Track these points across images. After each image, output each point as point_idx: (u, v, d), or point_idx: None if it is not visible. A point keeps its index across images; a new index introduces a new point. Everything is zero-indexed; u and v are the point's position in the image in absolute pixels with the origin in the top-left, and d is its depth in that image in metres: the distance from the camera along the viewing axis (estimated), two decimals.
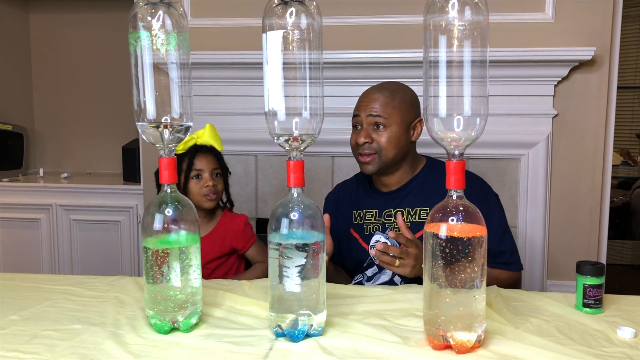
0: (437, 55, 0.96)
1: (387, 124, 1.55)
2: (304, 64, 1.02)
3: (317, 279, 1.05)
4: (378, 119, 1.55)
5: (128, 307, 1.21)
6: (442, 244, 0.97)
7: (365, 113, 1.57)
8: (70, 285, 1.35)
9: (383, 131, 1.56)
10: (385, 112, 1.55)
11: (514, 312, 1.16)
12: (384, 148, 1.56)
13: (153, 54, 1.05)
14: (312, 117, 1.03)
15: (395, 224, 1.59)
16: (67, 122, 3.38)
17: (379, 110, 1.55)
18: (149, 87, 1.05)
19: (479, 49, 0.96)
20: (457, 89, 0.96)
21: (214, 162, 1.71)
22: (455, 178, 0.97)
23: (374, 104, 1.56)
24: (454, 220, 0.97)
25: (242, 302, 1.22)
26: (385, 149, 1.56)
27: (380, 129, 1.56)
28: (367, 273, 1.62)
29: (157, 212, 1.08)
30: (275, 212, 1.05)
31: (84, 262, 2.81)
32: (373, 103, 1.57)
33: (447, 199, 0.99)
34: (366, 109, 1.57)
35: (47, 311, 1.18)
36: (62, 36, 3.32)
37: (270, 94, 1.02)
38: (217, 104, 2.50)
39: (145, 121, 1.06)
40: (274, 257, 1.04)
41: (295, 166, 1.04)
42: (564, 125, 2.33)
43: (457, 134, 0.96)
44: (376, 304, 1.21)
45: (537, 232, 2.36)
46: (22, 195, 2.84)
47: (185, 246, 1.08)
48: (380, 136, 1.56)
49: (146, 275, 1.09)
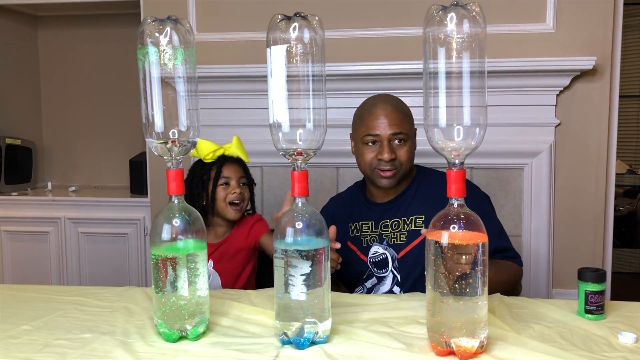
0: (436, 67, 0.99)
1: (406, 138, 1.58)
2: (307, 76, 1.04)
3: (322, 288, 1.06)
4: (400, 136, 1.57)
5: (137, 317, 1.23)
6: (444, 251, 0.98)
7: (385, 131, 1.56)
8: (80, 296, 1.37)
9: (404, 145, 1.58)
10: (404, 127, 1.58)
11: (516, 319, 1.17)
12: (404, 162, 1.59)
13: (161, 69, 1.08)
14: (316, 128, 1.05)
15: (392, 233, 1.61)
16: (75, 136, 3.42)
17: (399, 127, 1.57)
18: (157, 101, 1.08)
19: (477, 60, 0.98)
20: (457, 99, 0.99)
21: (240, 171, 1.76)
22: (456, 186, 1.00)
23: (393, 120, 1.56)
24: (455, 228, 0.99)
25: (249, 311, 1.24)
26: (404, 163, 1.59)
27: (401, 143, 1.58)
28: (366, 285, 1.63)
29: (165, 222, 1.10)
30: (280, 221, 1.07)
31: (92, 275, 2.84)
32: (392, 120, 1.56)
33: (448, 207, 1.01)
34: (386, 126, 1.56)
35: (58, 321, 1.20)
36: (70, 52, 3.37)
37: (275, 106, 1.05)
38: (223, 117, 2.54)
39: (154, 134, 1.09)
40: (280, 265, 1.07)
41: (300, 176, 1.06)
42: (566, 134, 2.34)
43: (457, 144, 0.99)
44: (380, 312, 1.23)
45: (542, 241, 2.37)
46: (31, 209, 2.88)
47: (192, 253, 1.10)
48: (401, 151, 1.58)
49: (155, 285, 1.11)
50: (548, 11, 2.31)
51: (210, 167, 1.74)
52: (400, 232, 1.60)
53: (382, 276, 1.60)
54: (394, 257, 1.59)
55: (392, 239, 1.60)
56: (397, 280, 1.58)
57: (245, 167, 1.80)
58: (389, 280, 1.59)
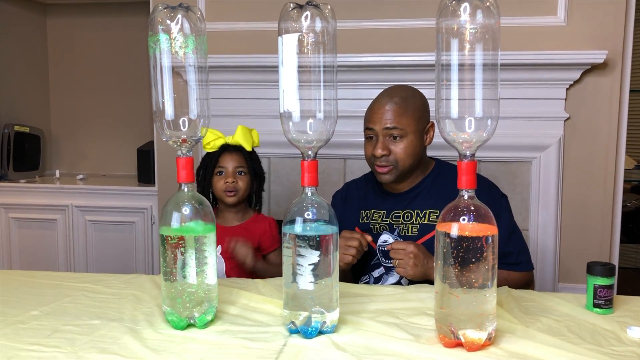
0: (449, 58, 0.98)
1: (403, 134, 1.55)
2: (318, 66, 1.04)
3: (330, 278, 1.07)
4: (394, 131, 1.54)
5: (145, 304, 1.24)
6: (454, 243, 0.98)
7: (380, 126, 1.55)
8: (89, 283, 1.38)
9: (399, 142, 1.55)
10: (400, 123, 1.54)
11: (524, 312, 1.17)
12: (401, 159, 1.56)
13: (172, 57, 1.08)
14: (326, 119, 1.05)
15: (404, 224, 1.60)
16: (83, 124, 3.43)
17: (394, 122, 1.54)
18: (168, 88, 1.08)
19: (490, 52, 0.97)
20: (469, 91, 0.98)
21: (239, 161, 1.79)
22: (467, 178, 0.99)
23: (387, 115, 1.55)
24: (465, 220, 0.99)
25: (257, 300, 1.25)
26: (402, 160, 1.56)
27: (397, 139, 1.55)
28: (373, 274, 1.63)
29: (174, 209, 1.11)
30: (289, 211, 1.07)
31: (99, 262, 2.85)
32: (387, 114, 1.55)
33: (459, 199, 1.01)
34: (380, 121, 1.55)
35: (67, 307, 1.21)
36: (79, 40, 3.38)
37: (285, 96, 1.05)
38: (231, 107, 2.53)
39: (164, 122, 1.09)
40: (288, 255, 1.07)
41: (310, 166, 1.06)
42: (575, 128, 2.33)
43: (469, 135, 0.98)
44: (388, 303, 1.23)
45: (549, 235, 2.36)
46: (39, 196, 2.89)
47: (201, 235, 1.10)
48: (397, 147, 1.55)
49: (163, 272, 1.11)
50: (559, 4, 2.28)
51: (212, 156, 1.80)
52: (412, 224, 1.59)
53: (390, 266, 1.59)
54: None
55: (404, 230, 1.59)
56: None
57: (249, 156, 1.81)
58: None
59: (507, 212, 1.61)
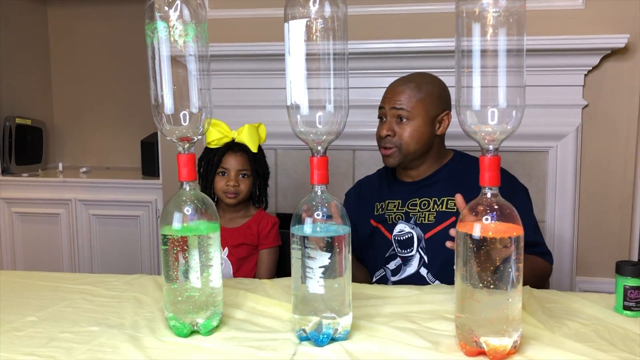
0: (470, 44, 0.91)
1: (411, 117, 1.53)
2: (328, 54, 0.97)
3: (342, 280, 1.00)
4: (401, 112, 1.54)
5: (147, 308, 1.18)
6: (476, 244, 0.91)
7: (389, 105, 1.56)
8: (89, 285, 1.32)
9: (406, 124, 1.54)
10: (408, 106, 1.53)
11: (549, 315, 1.10)
12: (405, 142, 1.54)
13: (171, 46, 1.01)
14: (337, 111, 0.98)
15: (421, 212, 1.55)
16: (86, 116, 3.36)
17: (402, 104, 1.54)
18: (167, 80, 1.01)
19: (515, 37, 0.90)
20: (492, 79, 0.91)
21: (242, 162, 1.71)
22: (490, 175, 0.92)
23: (398, 96, 1.55)
24: (489, 220, 0.92)
25: (264, 303, 1.18)
26: (406, 143, 1.54)
27: (404, 122, 1.54)
28: (389, 267, 1.58)
29: (176, 208, 1.04)
30: (298, 211, 1.00)
31: (103, 257, 2.80)
32: (397, 96, 1.55)
33: (481, 197, 0.94)
34: (390, 101, 1.56)
35: (65, 312, 1.15)
36: (81, 29, 3.30)
37: (293, 87, 0.98)
38: (236, 97, 2.46)
39: (163, 117, 1.02)
40: (297, 257, 1.00)
41: (319, 163, 0.99)
42: (594, 116, 2.24)
43: (492, 128, 0.91)
44: (403, 306, 1.16)
45: (566, 227, 2.28)
46: (42, 190, 2.84)
47: (205, 235, 1.04)
48: (403, 130, 1.54)
49: (165, 275, 1.05)
50: None
51: (215, 153, 1.72)
52: (429, 212, 1.54)
53: (408, 256, 1.54)
54: (421, 237, 1.53)
55: (420, 218, 1.55)
56: (424, 262, 1.52)
57: (254, 157, 1.73)
58: (416, 261, 1.53)
59: (530, 205, 1.57)
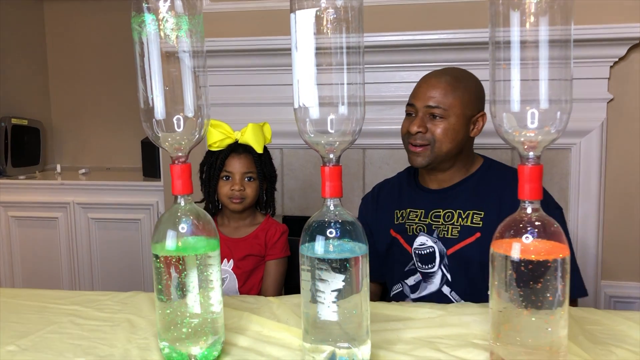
0: (507, 36, 0.78)
1: (446, 115, 1.40)
2: (340, 49, 0.84)
3: (359, 305, 0.88)
4: (436, 110, 1.40)
5: (140, 333, 1.06)
6: (515, 266, 0.79)
7: (421, 103, 1.42)
8: (78, 305, 1.20)
9: (440, 121, 1.40)
10: (444, 102, 1.40)
11: (592, 340, 0.97)
12: (438, 140, 1.40)
13: (162, 42, 0.88)
14: (351, 114, 0.85)
15: (444, 225, 1.41)
16: (85, 115, 3.27)
17: (437, 100, 1.40)
18: (157, 81, 0.88)
19: (559, 27, 0.77)
20: (533, 76, 0.78)
21: (247, 165, 1.59)
22: (531, 187, 0.79)
23: (433, 91, 1.41)
24: (529, 239, 0.79)
25: (271, 327, 1.06)
26: (439, 141, 1.40)
27: (437, 119, 1.41)
28: (407, 282, 1.45)
29: (170, 226, 0.93)
30: (308, 228, 0.88)
31: (103, 263, 2.70)
32: (432, 91, 1.41)
33: (520, 212, 0.81)
34: (424, 97, 1.41)
35: (49, 339, 1.03)
36: (79, 25, 3.21)
37: (301, 88, 0.85)
38: (239, 95, 2.35)
39: (154, 122, 0.90)
40: (307, 279, 0.88)
41: (332, 173, 0.87)
42: (620, 110, 2.12)
43: (533, 133, 0.78)
44: (426, 329, 1.04)
45: (590, 229, 2.16)
46: (39, 193, 2.74)
47: (203, 253, 0.92)
48: (436, 126, 1.40)
49: (158, 299, 0.93)
50: None
51: (217, 156, 1.59)
52: (453, 225, 1.41)
53: (429, 273, 1.41)
54: (443, 253, 1.40)
55: (443, 231, 1.41)
56: (446, 279, 1.40)
57: (259, 158, 1.61)
58: (437, 279, 1.41)
59: (565, 226, 1.41)
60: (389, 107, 2.20)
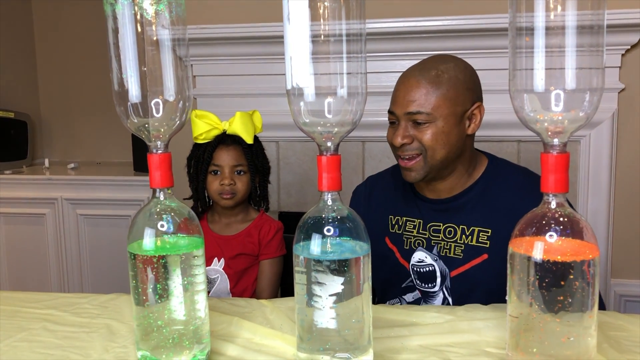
0: (530, 21, 0.69)
1: (431, 119, 1.21)
2: (338, 35, 0.74)
3: (360, 311, 0.79)
4: (418, 117, 1.21)
5: (119, 341, 0.96)
6: (538, 268, 0.69)
7: (401, 109, 1.23)
8: (54, 308, 1.10)
9: (425, 128, 1.21)
10: (426, 106, 1.20)
11: (617, 349, 0.88)
12: (430, 147, 1.22)
13: (138, 17, 0.79)
14: (351, 96, 0.76)
15: (445, 242, 1.27)
16: (74, 109, 3.17)
17: (419, 104, 1.21)
18: (132, 59, 0.79)
19: (589, 12, 0.69)
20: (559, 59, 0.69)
21: (237, 157, 1.49)
22: (556, 178, 0.70)
23: (412, 94, 1.21)
24: (554, 237, 0.70)
25: (263, 334, 0.97)
26: (431, 149, 1.22)
27: (422, 125, 1.22)
28: (405, 298, 1.34)
29: (147, 222, 0.84)
30: (303, 225, 0.79)
31: (93, 260, 2.60)
32: (411, 93, 1.22)
33: (543, 206, 0.71)
34: (403, 102, 1.22)
35: (19, 348, 0.94)
36: (67, 15, 3.11)
37: (294, 67, 0.75)
38: (230, 85, 2.26)
39: (129, 107, 0.80)
40: (302, 282, 0.79)
41: (330, 163, 0.78)
42: (632, 101, 2.02)
43: (561, 116, 0.68)
44: (434, 336, 0.94)
45: (600, 225, 2.07)
46: (26, 189, 2.64)
47: (186, 252, 0.83)
48: (423, 133, 1.22)
49: (135, 304, 0.84)
50: None
51: (205, 148, 1.49)
52: (455, 243, 1.26)
53: (429, 292, 1.29)
54: (445, 274, 1.26)
55: (445, 249, 1.27)
56: (448, 303, 1.27)
57: (249, 149, 1.50)
58: (439, 301, 1.28)
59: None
60: (389, 98, 2.09)
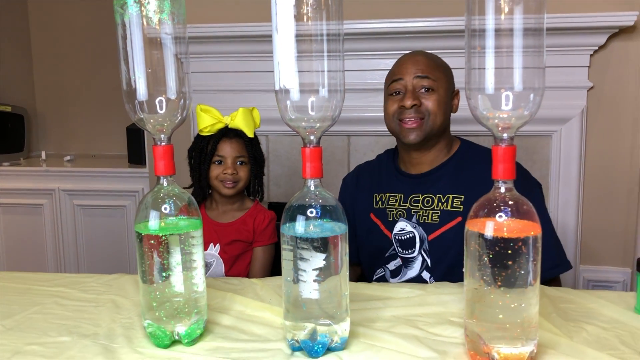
0: (482, 23, 0.79)
1: (435, 86, 1.43)
2: (320, 35, 0.85)
3: (339, 283, 0.90)
4: (425, 81, 1.42)
5: (125, 313, 1.08)
6: (488, 244, 0.81)
7: (411, 75, 1.43)
8: (63, 287, 1.21)
9: (431, 94, 1.42)
10: (432, 74, 1.43)
11: (564, 318, 1.01)
12: (433, 112, 1.42)
13: (144, 24, 0.89)
14: (331, 95, 0.87)
15: (423, 210, 1.43)
16: (70, 102, 3.24)
17: (426, 71, 1.42)
18: (140, 62, 0.89)
19: (532, 15, 0.79)
20: (507, 60, 0.80)
21: (239, 149, 1.61)
22: (504, 167, 0.82)
23: (419, 65, 1.43)
24: (502, 217, 0.82)
25: (254, 307, 1.08)
26: (433, 114, 1.42)
27: (428, 92, 1.43)
28: (389, 267, 1.48)
29: (153, 205, 0.94)
30: (289, 208, 0.90)
31: (89, 249, 2.70)
32: (419, 65, 1.44)
33: (494, 192, 0.83)
34: (412, 70, 1.43)
35: (34, 319, 1.04)
36: (63, 10, 3.17)
37: (281, 70, 0.87)
38: (225, 81, 2.35)
39: (137, 104, 0.91)
40: (289, 258, 0.90)
41: (312, 154, 0.89)
42: (600, 98, 2.14)
43: (507, 114, 0.80)
44: (405, 308, 1.06)
45: (570, 214, 2.20)
46: (24, 180, 2.72)
47: (186, 232, 0.94)
48: (428, 99, 1.42)
49: (141, 279, 0.95)
50: None
51: (208, 140, 1.60)
52: (433, 210, 1.42)
53: (409, 258, 1.43)
54: (424, 238, 1.42)
55: (423, 217, 1.43)
56: (426, 265, 1.42)
57: (250, 143, 1.62)
58: (417, 264, 1.43)
59: (543, 202, 1.46)
60: (373, 95, 2.21)
